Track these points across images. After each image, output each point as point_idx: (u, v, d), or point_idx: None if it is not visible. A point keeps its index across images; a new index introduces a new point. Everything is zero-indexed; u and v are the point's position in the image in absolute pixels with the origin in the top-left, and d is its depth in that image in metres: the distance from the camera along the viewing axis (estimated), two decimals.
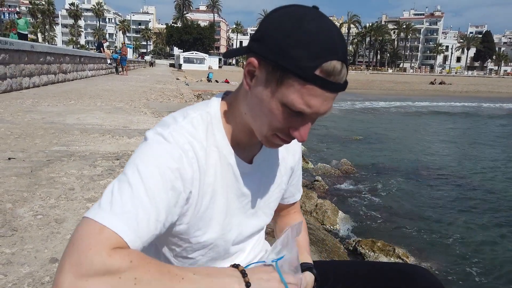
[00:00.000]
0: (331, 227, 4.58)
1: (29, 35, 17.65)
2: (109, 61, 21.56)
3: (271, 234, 2.00)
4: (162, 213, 0.69)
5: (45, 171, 3.10)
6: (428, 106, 26.55)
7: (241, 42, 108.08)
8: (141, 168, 0.69)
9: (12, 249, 1.85)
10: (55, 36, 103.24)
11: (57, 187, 2.75)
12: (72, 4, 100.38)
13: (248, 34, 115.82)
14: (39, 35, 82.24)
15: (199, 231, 0.83)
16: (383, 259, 3.71)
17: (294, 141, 1.02)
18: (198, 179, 0.78)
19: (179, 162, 0.73)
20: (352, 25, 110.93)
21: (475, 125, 17.37)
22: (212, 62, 66.73)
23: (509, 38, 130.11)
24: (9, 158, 3.40)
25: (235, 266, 0.75)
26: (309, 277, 0.94)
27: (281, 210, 1.14)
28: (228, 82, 31.54)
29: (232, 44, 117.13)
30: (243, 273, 0.73)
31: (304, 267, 0.95)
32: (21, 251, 1.84)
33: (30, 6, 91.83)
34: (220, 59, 74.02)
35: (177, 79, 25.16)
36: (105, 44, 22.97)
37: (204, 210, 0.82)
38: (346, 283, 1.01)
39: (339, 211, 4.88)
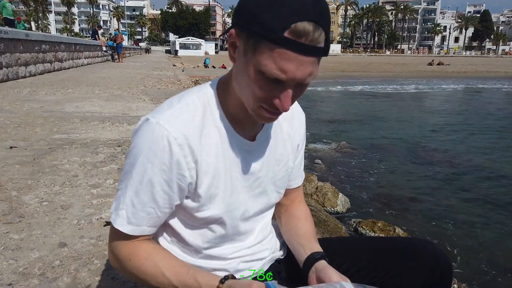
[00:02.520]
0: (332, 209, 4.63)
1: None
2: (104, 49, 21.35)
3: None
4: (162, 205, 0.83)
5: (48, 159, 3.12)
6: (426, 86, 26.44)
7: None
8: (138, 168, 0.80)
9: (20, 235, 1.88)
10: (49, 24, 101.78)
11: (60, 174, 2.77)
12: None
13: None
14: (32, 23, 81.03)
15: (203, 207, 0.85)
16: None
17: (298, 119, 1.02)
18: (194, 162, 0.80)
19: (170, 152, 0.78)
20: (349, 7, 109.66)
21: (474, 104, 17.36)
22: (208, 47, 66.11)
23: (508, 17, 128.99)
24: (11, 147, 3.41)
25: (226, 277, 0.81)
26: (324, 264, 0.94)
27: (285, 198, 1.08)
28: (225, 68, 31.21)
29: None
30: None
31: (319, 256, 0.95)
32: (29, 236, 1.87)
33: None
34: (216, 45, 73.28)
35: (174, 65, 24.97)
36: (99, 32, 22.69)
37: (207, 189, 0.84)
38: (353, 258, 1.00)
39: (340, 193, 4.92)
